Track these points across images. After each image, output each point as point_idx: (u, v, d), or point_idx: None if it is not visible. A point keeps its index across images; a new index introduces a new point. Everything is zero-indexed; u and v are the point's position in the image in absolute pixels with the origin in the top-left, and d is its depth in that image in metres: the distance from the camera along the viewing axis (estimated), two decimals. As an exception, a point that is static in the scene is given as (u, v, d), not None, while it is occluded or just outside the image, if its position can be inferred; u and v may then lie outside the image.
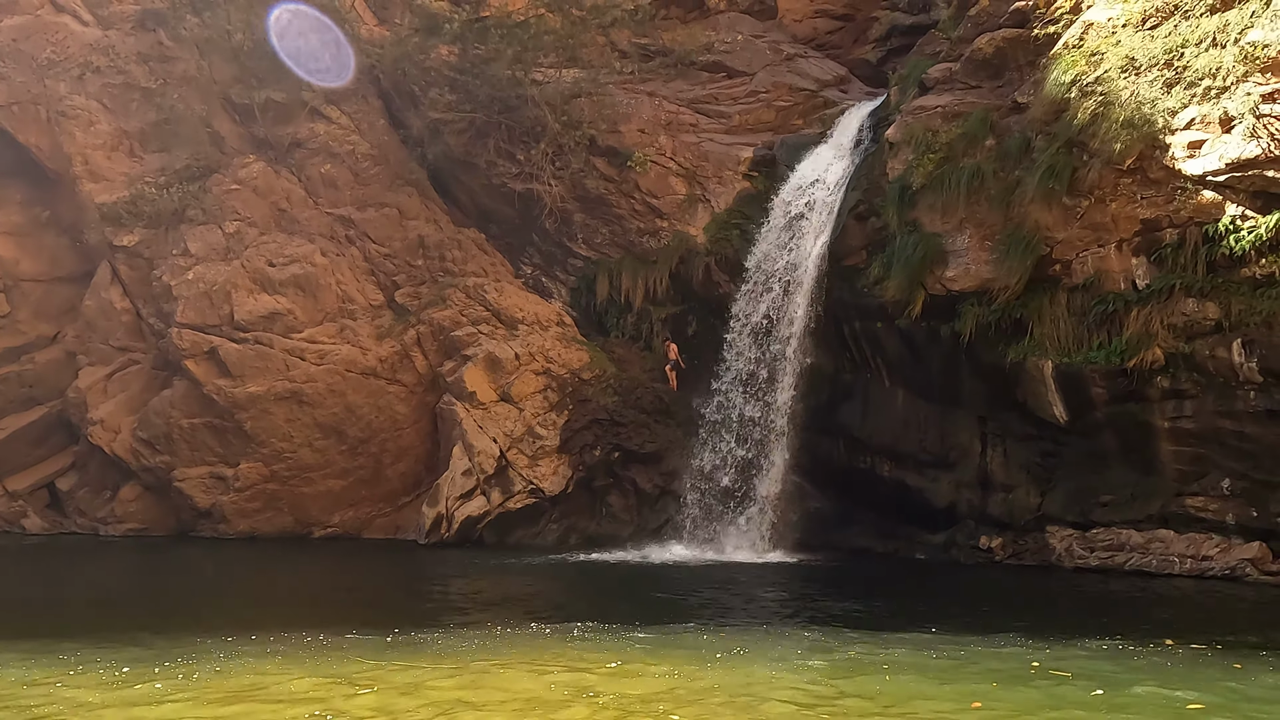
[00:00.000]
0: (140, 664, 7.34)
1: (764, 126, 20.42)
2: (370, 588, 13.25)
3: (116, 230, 19.62)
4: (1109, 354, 13.82)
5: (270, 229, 19.39)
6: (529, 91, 19.74)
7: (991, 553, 15.21)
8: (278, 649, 8.09)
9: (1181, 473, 13.58)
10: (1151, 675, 7.19)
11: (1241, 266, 12.62)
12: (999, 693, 6.53)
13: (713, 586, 12.66)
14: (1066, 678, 7.09)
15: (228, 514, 18.48)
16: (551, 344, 18.77)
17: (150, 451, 18.96)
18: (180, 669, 7.12)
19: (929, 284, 15.50)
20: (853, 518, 17.38)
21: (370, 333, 19.08)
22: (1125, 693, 6.53)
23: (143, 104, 20.12)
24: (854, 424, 17.18)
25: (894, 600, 11.67)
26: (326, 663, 7.41)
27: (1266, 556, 12.59)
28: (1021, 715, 6.07)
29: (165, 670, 7.08)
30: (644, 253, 19.60)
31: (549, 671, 7.09)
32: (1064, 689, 6.73)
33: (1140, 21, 13.15)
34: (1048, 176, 14.11)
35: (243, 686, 6.49)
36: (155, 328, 19.60)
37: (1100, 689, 6.53)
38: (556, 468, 17.91)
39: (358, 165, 20.18)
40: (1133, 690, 6.67)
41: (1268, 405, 12.66)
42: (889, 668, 7.45)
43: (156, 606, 11.14)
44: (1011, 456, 15.45)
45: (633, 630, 8.87)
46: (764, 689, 6.52)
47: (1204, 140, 12.53)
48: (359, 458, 18.79)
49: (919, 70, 17.60)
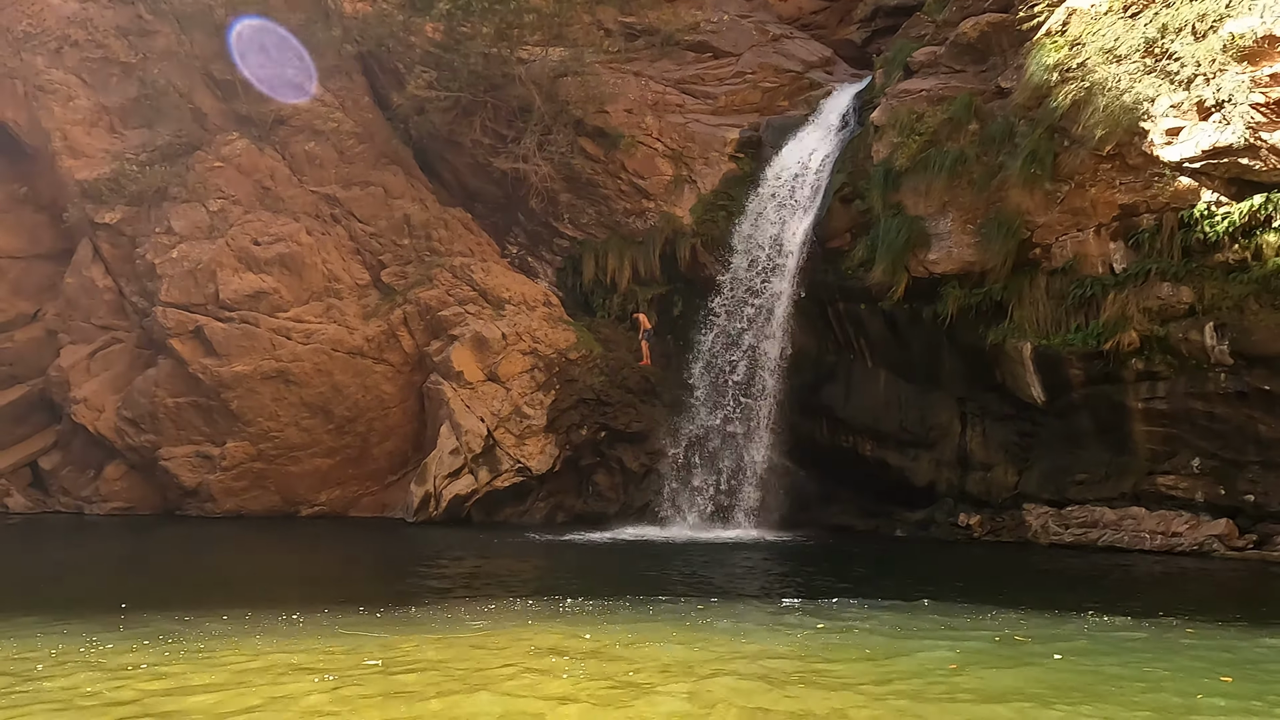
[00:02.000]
0: (123, 641, 7.41)
1: (750, 108, 20.49)
2: (362, 565, 13.39)
3: (98, 207, 19.42)
4: (1086, 336, 14.14)
5: (254, 207, 19.27)
6: (515, 70, 19.66)
7: (970, 530, 15.59)
8: (264, 626, 8.24)
9: (1154, 452, 13.97)
10: (1109, 643, 7.66)
11: (1215, 252, 12.94)
12: (967, 657, 7.00)
13: (696, 563, 12.92)
14: (1027, 642, 7.56)
15: (214, 493, 18.51)
16: (538, 324, 18.87)
17: (135, 430, 18.91)
18: (165, 647, 7.21)
19: (912, 266, 15.73)
20: (835, 496, 17.71)
21: (356, 312, 19.08)
22: (1085, 658, 7.02)
23: (122, 79, 19.86)
24: (837, 404, 17.46)
25: (873, 576, 12.00)
26: (313, 639, 7.55)
27: (1233, 533, 13.03)
28: (986, 670, 6.50)
29: (147, 648, 7.13)
30: (630, 233, 19.67)
31: (533, 647, 7.29)
32: (1026, 652, 7.15)
33: (1122, 9, 13.33)
34: (1029, 161, 14.33)
35: (232, 664, 6.60)
36: (139, 306, 19.48)
37: (1059, 654, 7.03)
38: (544, 447, 18.08)
39: (342, 143, 20.05)
40: (1091, 655, 7.16)
41: (1237, 387, 13.03)
42: (864, 634, 7.82)
43: (142, 584, 11.20)
44: (990, 436, 15.80)
45: (619, 607, 9.10)
46: (743, 662, 6.82)
47: (1182, 128, 12.78)
48: (346, 437, 18.85)
49: (904, 53, 17.72)
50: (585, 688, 6.00)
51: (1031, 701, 5.85)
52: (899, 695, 5.95)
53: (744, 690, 5.99)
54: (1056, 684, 6.27)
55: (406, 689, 5.93)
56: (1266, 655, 7.32)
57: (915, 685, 6.20)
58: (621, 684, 6.12)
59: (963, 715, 5.59)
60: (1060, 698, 5.93)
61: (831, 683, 6.22)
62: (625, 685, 6.09)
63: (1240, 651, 7.43)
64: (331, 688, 5.95)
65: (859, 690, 6.05)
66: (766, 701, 5.76)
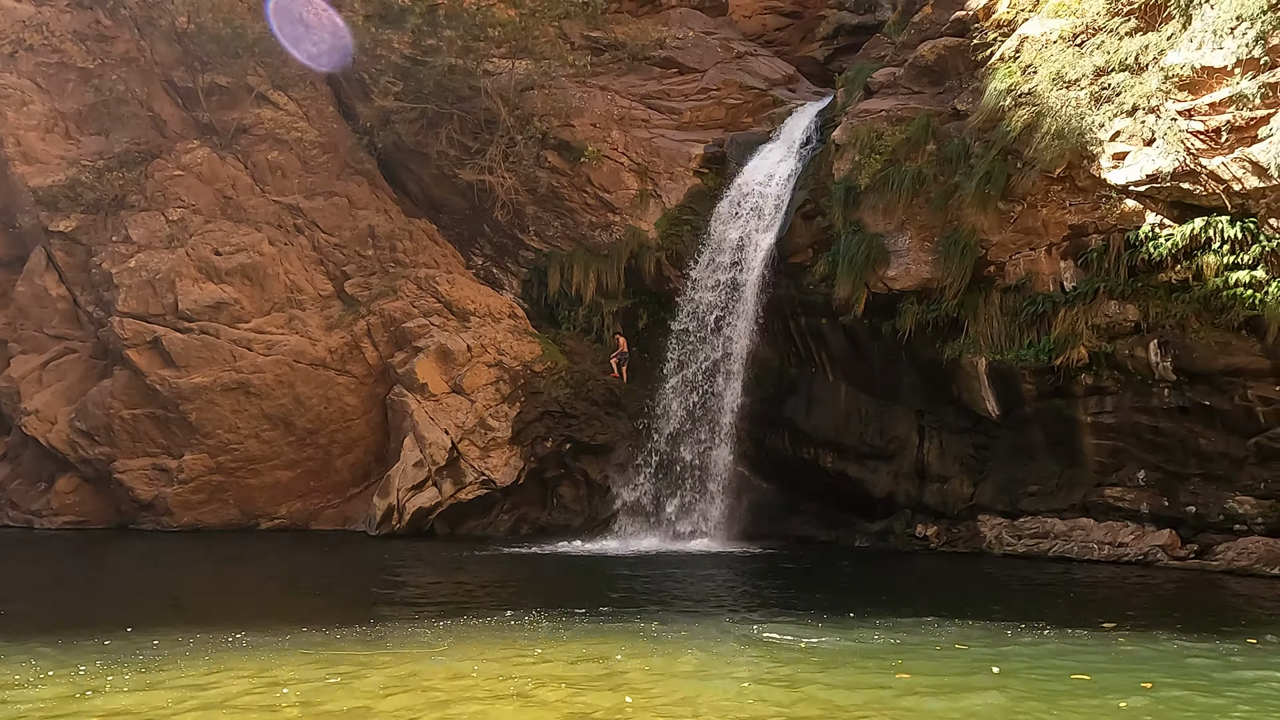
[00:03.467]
0: (63, 664, 7.26)
1: (714, 124, 20.79)
2: (320, 581, 13.28)
3: (52, 215, 19.05)
4: (1038, 352, 14.57)
5: (216, 216, 19.05)
6: (481, 82, 19.72)
7: (927, 540, 15.93)
8: (232, 646, 8.17)
9: (1102, 464, 14.43)
10: (1048, 650, 8.02)
11: (1159, 272, 13.44)
12: (913, 665, 7.35)
13: (658, 575, 13.05)
14: (966, 650, 7.91)
15: (171, 506, 18.21)
16: (503, 336, 18.90)
17: (89, 443, 18.54)
18: (108, 670, 7.09)
19: (871, 283, 16.08)
20: (796, 507, 17.96)
21: (319, 323, 18.94)
22: (1019, 665, 7.39)
23: (79, 84, 19.52)
24: (799, 417, 17.73)
25: (829, 587, 12.24)
26: (265, 662, 7.51)
27: (1175, 543, 13.51)
28: (936, 679, 6.82)
29: (91, 672, 7.00)
30: (596, 246, 19.81)
31: (494, 664, 7.35)
32: (970, 662, 7.49)
33: (1072, 37, 13.82)
34: (984, 182, 14.77)
35: (178, 688, 6.54)
36: (94, 316, 19.13)
37: (998, 665, 7.39)
38: (508, 459, 18.09)
39: (306, 153, 19.92)
40: (1025, 662, 7.51)
41: (1179, 402, 13.54)
42: (815, 648, 8.07)
43: (91, 601, 10.99)
44: (947, 449, 16.18)
45: (579, 620, 9.20)
46: (703, 673, 7.01)
47: (1127, 152, 13.28)
48: (307, 449, 18.68)
49: (865, 73, 18.14)
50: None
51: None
52: (844, 708, 6.15)
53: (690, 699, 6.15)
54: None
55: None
56: (1191, 661, 7.69)
57: (857, 698, 6.42)
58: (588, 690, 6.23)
59: None
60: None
61: (780, 695, 6.41)
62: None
63: (1167, 657, 7.79)
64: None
65: (811, 700, 6.24)
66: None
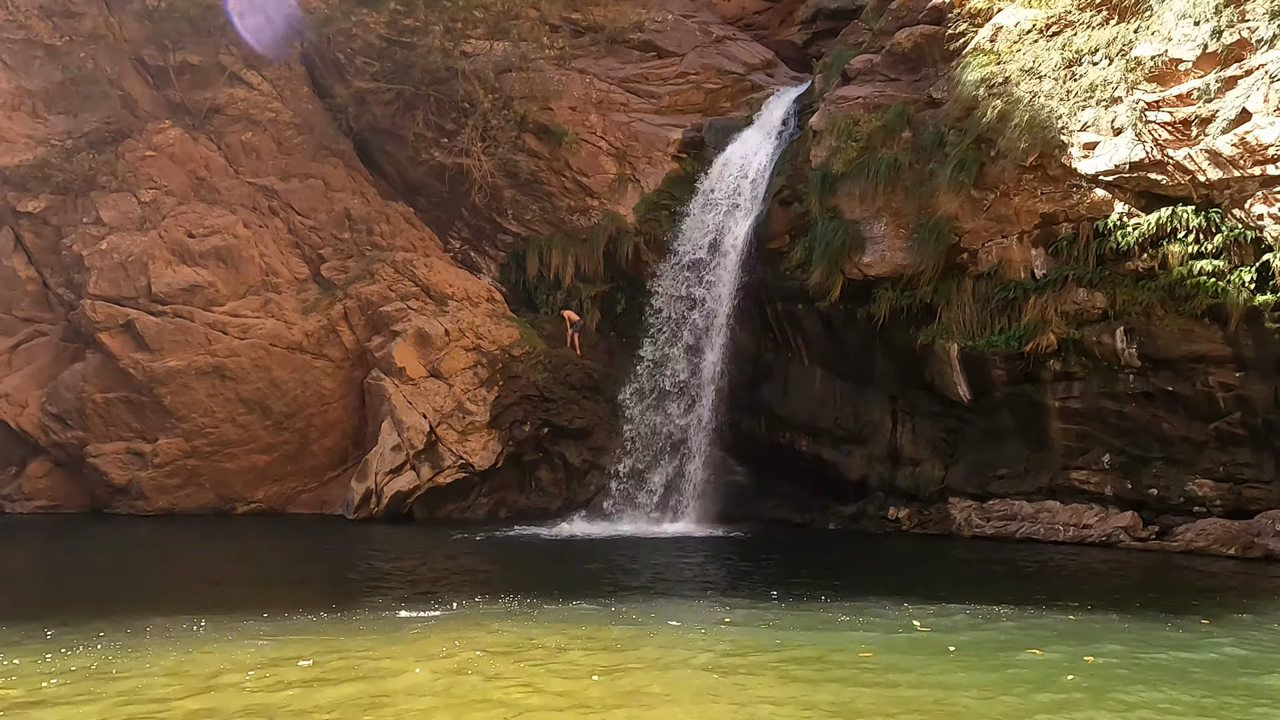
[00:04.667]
0: (33, 653, 7.21)
1: (693, 108, 20.80)
2: (297, 565, 13.32)
3: (20, 195, 18.72)
4: (1009, 338, 14.85)
5: (189, 198, 18.82)
6: (459, 64, 19.56)
7: (899, 523, 16.25)
8: (209, 632, 8.23)
9: (1069, 448, 14.78)
10: (1005, 630, 8.32)
11: (1126, 260, 13.73)
12: (878, 643, 7.64)
13: (635, 558, 13.23)
14: (929, 633, 8.19)
15: (145, 490, 18.10)
16: (482, 320, 18.90)
17: (61, 427, 18.35)
18: (74, 659, 7.05)
19: (847, 269, 16.26)
20: (772, 490, 18.21)
21: (295, 307, 18.82)
22: (978, 646, 7.69)
23: (46, 62, 19.13)
24: (775, 401, 17.94)
25: (799, 568, 12.50)
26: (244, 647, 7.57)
27: (1137, 525, 13.90)
28: (894, 657, 7.11)
29: (53, 661, 6.97)
30: (574, 230, 19.81)
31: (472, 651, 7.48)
32: (929, 641, 7.79)
33: (1044, 28, 14.00)
34: (958, 170, 14.95)
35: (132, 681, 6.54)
36: (64, 298, 18.87)
37: (953, 645, 7.65)
38: (486, 443, 18.16)
39: (280, 134, 19.69)
40: (985, 643, 7.80)
41: (1144, 388, 13.88)
42: (783, 627, 8.33)
43: (59, 588, 10.93)
44: (919, 432, 16.47)
45: (551, 603, 9.36)
46: (678, 653, 7.21)
47: (1097, 142, 13.51)
48: (284, 433, 18.62)
49: (842, 60, 18.22)
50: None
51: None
52: (803, 679, 6.39)
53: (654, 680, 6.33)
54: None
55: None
56: (1135, 637, 8.00)
57: (810, 670, 6.66)
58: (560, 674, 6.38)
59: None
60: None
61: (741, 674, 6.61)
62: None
63: (1115, 635, 8.10)
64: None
65: (770, 673, 6.46)
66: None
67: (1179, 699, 6.16)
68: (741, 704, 5.90)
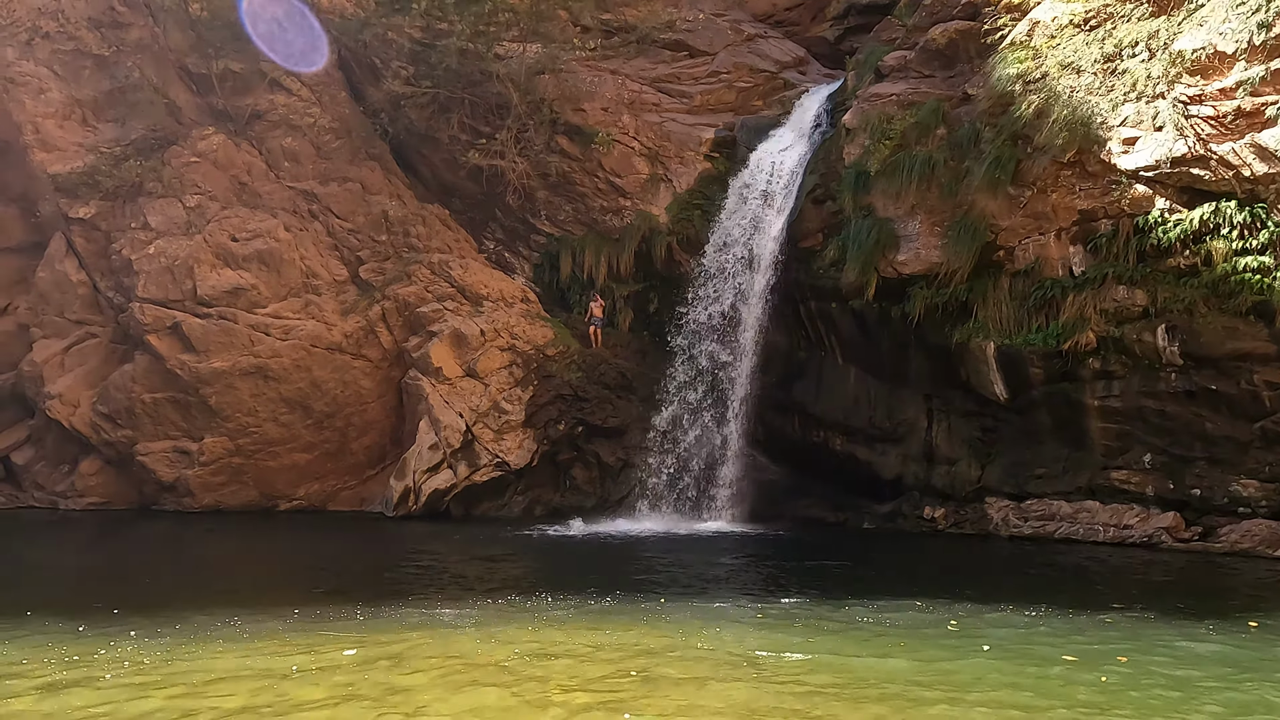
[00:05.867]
0: (96, 644, 7.56)
1: (725, 107, 20.81)
2: (340, 561, 13.63)
3: (71, 202, 19.32)
4: (1046, 336, 14.69)
5: (232, 203, 19.28)
6: (492, 67, 19.79)
7: (935, 522, 16.16)
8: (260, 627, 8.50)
9: (1108, 448, 14.59)
10: (1036, 632, 8.27)
11: (1168, 257, 13.51)
12: (913, 645, 7.64)
13: (670, 556, 13.33)
14: (955, 629, 8.21)
15: (192, 488, 18.60)
16: (516, 320, 19.12)
17: (111, 426, 18.93)
18: (130, 651, 7.36)
19: (881, 267, 16.19)
20: (805, 489, 18.20)
21: (335, 308, 19.20)
22: (1009, 648, 7.66)
23: (95, 71, 19.71)
24: (808, 400, 17.93)
25: (837, 568, 12.50)
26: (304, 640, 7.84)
27: (1180, 525, 13.69)
28: (932, 663, 7.11)
29: (117, 651, 7.29)
30: (607, 231, 19.95)
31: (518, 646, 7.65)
32: (967, 644, 7.76)
33: (1082, 22, 13.81)
34: (994, 167, 14.82)
35: (192, 669, 6.83)
36: (114, 301, 19.44)
37: (988, 644, 7.66)
38: (521, 441, 18.38)
39: (319, 138, 20.08)
40: (1013, 644, 7.75)
41: (1186, 386, 13.67)
42: (821, 626, 8.37)
43: (123, 582, 11.34)
44: (955, 432, 16.35)
45: (587, 601, 9.50)
46: (707, 649, 7.30)
47: (1138, 137, 13.31)
48: (324, 432, 19.01)
49: (875, 57, 18.13)
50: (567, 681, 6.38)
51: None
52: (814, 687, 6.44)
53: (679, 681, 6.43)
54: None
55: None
56: (1170, 638, 7.90)
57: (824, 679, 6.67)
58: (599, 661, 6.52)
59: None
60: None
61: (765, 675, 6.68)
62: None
63: (1149, 636, 8.02)
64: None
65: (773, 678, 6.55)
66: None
67: (1231, 700, 6.12)
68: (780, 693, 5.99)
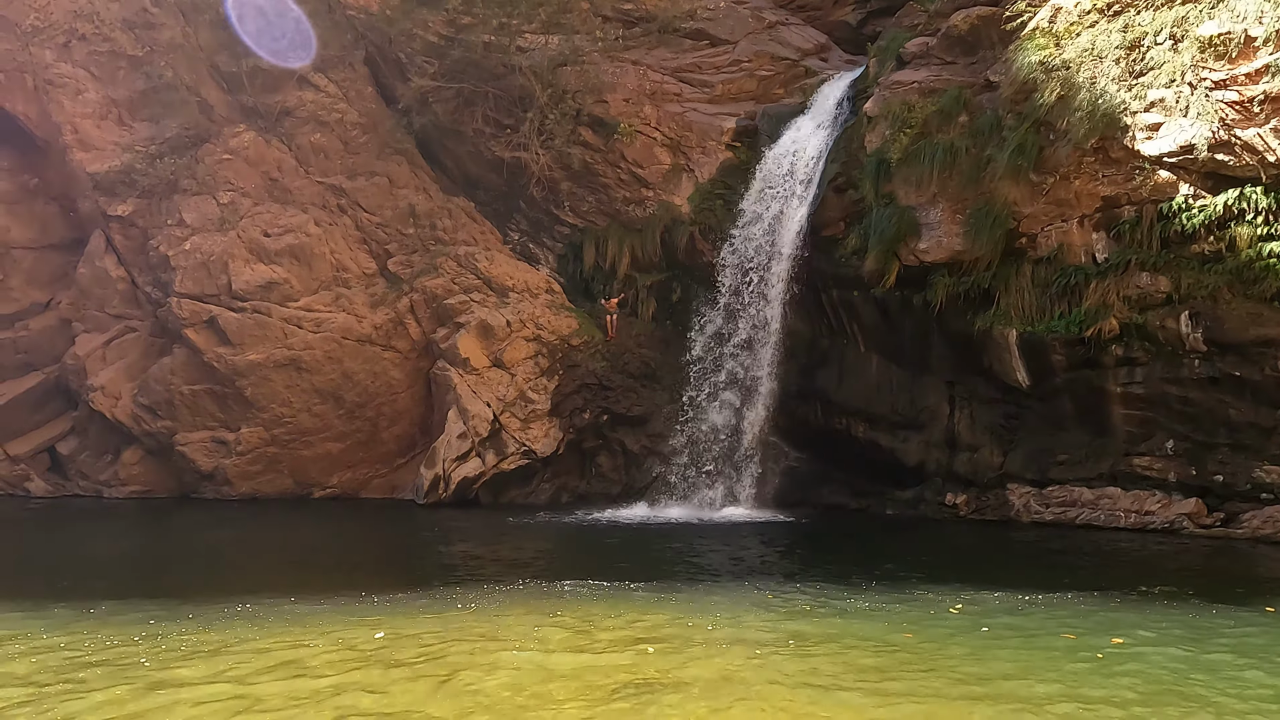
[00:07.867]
0: (161, 626, 8.07)
1: (746, 96, 20.85)
2: (382, 546, 14.08)
3: (109, 200, 19.88)
4: (1069, 324, 14.72)
5: (263, 199, 19.73)
6: (515, 60, 20.00)
7: (956, 508, 16.29)
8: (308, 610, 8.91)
9: (1130, 434, 14.62)
10: (1048, 615, 8.45)
11: (1192, 243, 13.48)
12: (922, 628, 7.91)
13: (694, 542, 13.62)
14: (964, 611, 8.43)
15: (230, 476, 19.19)
16: (541, 311, 19.43)
17: (151, 417, 19.54)
18: (200, 635, 7.82)
19: (903, 255, 16.26)
20: (828, 476, 18.39)
21: (364, 301, 19.63)
22: (1023, 629, 7.88)
23: (130, 72, 20.20)
24: (830, 388, 18.08)
25: (859, 553, 12.71)
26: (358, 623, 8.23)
27: (1202, 512, 13.73)
28: (942, 643, 7.36)
29: (176, 636, 7.75)
30: (630, 221, 20.16)
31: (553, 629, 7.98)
32: (976, 624, 7.99)
33: (1105, 8, 13.74)
34: (1017, 154, 14.81)
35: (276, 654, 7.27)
36: (152, 296, 20.01)
37: (986, 626, 7.90)
38: (548, 430, 18.73)
39: (347, 134, 20.45)
40: (1025, 626, 7.96)
41: (1210, 373, 13.66)
42: (841, 610, 8.62)
43: (177, 568, 11.89)
44: (977, 419, 16.44)
45: (613, 585, 9.82)
46: (737, 634, 7.60)
47: (1161, 123, 13.25)
48: (356, 421, 19.50)
49: (897, 43, 18.08)
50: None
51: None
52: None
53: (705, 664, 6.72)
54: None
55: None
56: (1170, 620, 8.06)
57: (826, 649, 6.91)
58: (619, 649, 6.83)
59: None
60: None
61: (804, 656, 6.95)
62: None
63: (1152, 619, 8.18)
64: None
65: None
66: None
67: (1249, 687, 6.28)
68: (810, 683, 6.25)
